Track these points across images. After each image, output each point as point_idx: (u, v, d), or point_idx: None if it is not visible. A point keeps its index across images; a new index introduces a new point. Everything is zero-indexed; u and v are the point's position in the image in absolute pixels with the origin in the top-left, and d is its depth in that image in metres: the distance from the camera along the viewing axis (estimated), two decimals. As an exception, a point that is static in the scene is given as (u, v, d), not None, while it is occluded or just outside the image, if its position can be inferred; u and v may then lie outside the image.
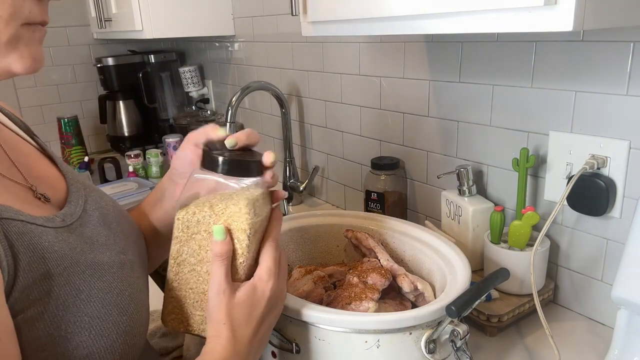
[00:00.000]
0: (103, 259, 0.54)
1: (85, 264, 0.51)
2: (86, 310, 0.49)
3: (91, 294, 0.50)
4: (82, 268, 0.50)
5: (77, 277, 0.49)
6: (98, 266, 0.52)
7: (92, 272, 0.51)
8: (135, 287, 0.56)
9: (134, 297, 0.55)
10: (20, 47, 0.47)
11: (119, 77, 2.08)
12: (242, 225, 0.56)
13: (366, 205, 1.21)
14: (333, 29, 0.85)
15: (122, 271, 0.55)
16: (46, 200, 0.56)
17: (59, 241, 0.50)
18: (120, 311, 0.52)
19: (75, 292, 0.48)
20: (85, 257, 0.52)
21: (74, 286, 0.49)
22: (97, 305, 0.50)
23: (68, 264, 0.49)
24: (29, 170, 0.58)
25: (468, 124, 1.02)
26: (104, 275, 0.52)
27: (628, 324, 0.72)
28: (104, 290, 0.51)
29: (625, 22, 0.59)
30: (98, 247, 0.55)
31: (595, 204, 0.82)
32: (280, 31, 1.53)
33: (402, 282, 0.75)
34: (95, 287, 0.50)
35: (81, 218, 0.57)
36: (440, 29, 0.66)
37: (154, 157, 1.79)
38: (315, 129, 1.50)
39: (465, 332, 0.62)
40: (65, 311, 0.47)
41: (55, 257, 0.48)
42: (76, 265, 0.50)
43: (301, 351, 0.64)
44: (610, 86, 0.78)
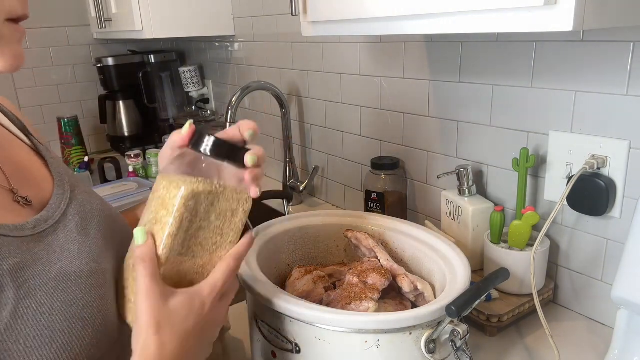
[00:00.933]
0: (71, 268, 0.52)
1: (48, 276, 0.49)
2: (47, 323, 0.47)
3: (53, 307, 0.48)
4: (44, 280, 0.49)
5: (38, 290, 0.48)
6: (64, 277, 0.50)
7: (55, 285, 0.49)
8: (104, 299, 0.53)
9: (102, 309, 0.52)
10: (2, 46, 0.47)
11: (119, 77, 2.08)
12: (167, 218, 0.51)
13: (366, 205, 1.21)
14: (333, 29, 0.85)
15: (91, 281, 0.53)
16: (27, 203, 0.55)
17: (22, 252, 0.49)
18: (84, 324, 0.50)
19: (36, 306, 0.47)
20: (50, 268, 0.50)
21: (34, 300, 0.47)
22: (59, 318, 0.48)
23: (29, 275, 0.47)
24: (17, 171, 0.57)
25: (468, 124, 1.02)
26: (70, 286, 0.50)
27: (628, 324, 0.72)
28: (68, 303, 0.49)
29: (625, 22, 0.59)
30: (67, 256, 0.53)
31: (595, 204, 0.82)
32: (280, 31, 1.53)
33: (402, 282, 0.75)
34: (58, 299, 0.49)
35: (57, 223, 0.55)
36: (440, 29, 0.66)
37: (154, 157, 1.79)
38: (315, 129, 1.50)
39: (465, 332, 0.61)
40: (24, 325, 0.45)
41: (16, 269, 0.47)
42: (38, 277, 0.48)
43: (301, 351, 0.64)
44: (610, 86, 0.78)
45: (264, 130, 1.77)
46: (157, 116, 2.15)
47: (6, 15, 0.47)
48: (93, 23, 1.99)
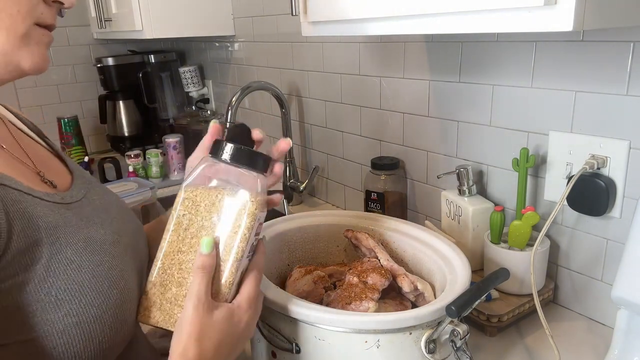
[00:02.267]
0: (97, 236, 0.55)
1: (78, 237, 0.53)
2: (77, 279, 0.50)
3: (82, 265, 0.51)
4: (74, 240, 0.52)
5: (69, 247, 0.51)
6: (91, 241, 0.54)
7: (84, 245, 0.53)
8: (127, 265, 0.57)
9: (124, 274, 0.55)
10: (31, 45, 0.52)
11: (119, 77, 2.08)
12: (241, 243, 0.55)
13: (366, 205, 1.21)
14: (333, 29, 0.85)
15: (115, 248, 0.56)
16: (53, 186, 0.58)
17: (54, 213, 0.52)
18: (110, 284, 0.53)
19: (67, 262, 0.50)
20: (79, 231, 0.53)
21: (65, 256, 0.50)
22: (87, 276, 0.51)
23: (61, 234, 0.51)
24: (39, 162, 0.61)
25: (468, 124, 1.02)
26: (97, 250, 0.54)
27: (628, 324, 0.72)
28: (95, 263, 0.52)
29: (625, 22, 0.59)
30: (93, 225, 0.56)
31: (595, 204, 0.82)
32: (280, 31, 1.53)
33: (402, 282, 0.75)
34: (86, 259, 0.52)
35: (81, 202, 0.59)
36: (440, 29, 0.66)
37: (154, 157, 1.79)
38: (315, 129, 1.50)
39: (465, 332, 0.61)
40: (55, 278, 0.48)
41: (49, 227, 0.50)
42: (69, 237, 0.52)
43: (301, 351, 0.64)
44: (610, 86, 0.78)
45: (264, 130, 1.76)
46: (157, 116, 2.15)
47: (36, 20, 0.52)
48: (93, 23, 1.99)
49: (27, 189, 0.51)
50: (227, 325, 0.55)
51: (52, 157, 0.66)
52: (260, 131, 0.64)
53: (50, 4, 0.53)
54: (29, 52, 0.52)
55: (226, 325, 0.54)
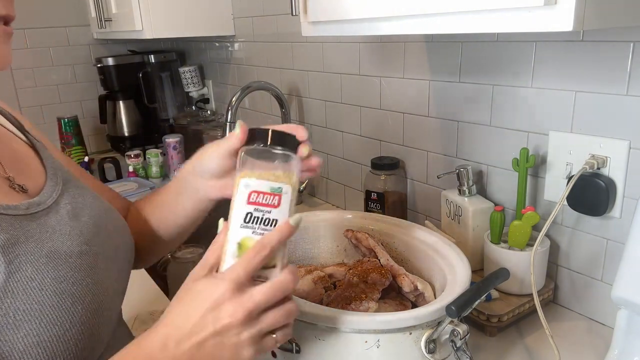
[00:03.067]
0: (62, 248, 0.53)
1: (39, 253, 0.50)
2: (37, 298, 0.48)
3: (43, 283, 0.49)
4: (35, 257, 0.50)
5: (29, 265, 0.49)
6: (54, 255, 0.51)
7: (46, 261, 0.50)
8: (95, 278, 0.54)
9: (92, 287, 0.53)
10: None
11: (119, 77, 2.08)
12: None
13: (366, 205, 1.21)
14: (333, 29, 0.85)
15: (81, 261, 0.54)
16: (23, 191, 0.56)
17: (15, 229, 0.50)
18: (74, 300, 0.50)
19: (26, 280, 0.48)
20: (42, 245, 0.51)
21: (24, 274, 0.48)
22: (49, 293, 0.49)
23: (21, 251, 0.49)
24: (14, 161, 0.59)
25: (468, 124, 1.02)
26: (60, 265, 0.51)
27: (628, 324, 0.72)
28: (58, 280, 0.50)
29: (625, 22, 0.59)
30: (59, 237, 0.54)
31: (595, 204, 0.82)
32: (280, 31, 1.53)
33: (402, 282, 0.75)
34: (47, 275, 0.49)
35: (49, 208, 0.56)
36: (440, 29, 0.66)
37: (154, 157, 1.79)
38: (315, 129, 1.50)
39: (465, 332, 0.62)
40: (13, 299, 0.46)
41: (6, 245, 0.48)
42: (29, 254, 0.49)
43: (301, 351, 0.64)
44: (610, 86, 0.78)
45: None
46: (157, 116, 2.15)
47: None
48: (93, 23, 1.99)
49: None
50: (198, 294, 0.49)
51: (30, 154, 0.63)
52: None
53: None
54: None
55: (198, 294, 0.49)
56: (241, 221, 0.50)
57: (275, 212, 0.51)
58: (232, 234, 0.51)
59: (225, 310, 0.47)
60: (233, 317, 0.47)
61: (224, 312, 0.47)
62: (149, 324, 0.91)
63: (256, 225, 0.51)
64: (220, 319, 0.47)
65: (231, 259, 0.50)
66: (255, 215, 0.50)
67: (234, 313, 0.47)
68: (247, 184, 0.50)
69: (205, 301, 0.47)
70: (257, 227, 0.51)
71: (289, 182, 0.52)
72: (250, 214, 0.50)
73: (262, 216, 0.51)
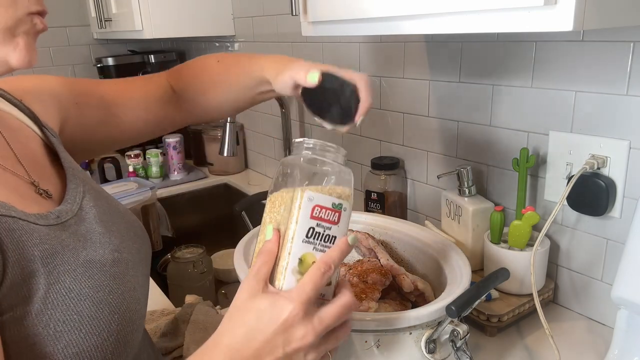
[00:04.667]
0: (96, 256, 0.53)
1: (76, 263, 0.50)
2: (76, 309, 0.48)
3: (81, 293, 0.49)
4: (72, 267, 0.50)
5: (67, 275, 0.49)
6: (90, 264, 0.52)
7: (83, 271, 0.50)
8: (128, 286, 0.54)
9: (126, 295, 0.53)
10: (17, 38, 0.49)
11: (119, 77, 2.07)
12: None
13: (366, 205, 1.21)
14: (333, 29, 0.85)
15: (114, 269, 0.54)
16: (48, 196, 0.56)
17: (51, 238, 0.50)
18: (111, 310, 0.51)
19: (65, 291, 0.48)
20: (78, 254, 0.51)
21: (63, 285, 0.48)
22: (87, 303, 0.49)
23: (59, 262, 0.49)
24: (32, 163, 0.58)
25: (468, 124, 1.02)
26: (96, 273, 0.51)
27: (628, 324, 0.72)
28: (95, 289, 0.50)
29: (625, 22, 0.59)
30: (91, 245, 0.54)
31: (595, 204, 0.82)
32: (280, 31, 1.53)
33: (402, 282, 0.75)
34: (85, 285, 0.50)
35: (77, 216, 0.56)
36: (440, 29, 0.66)
37: (154, 157, 1.79)
38: (315, 129, 1.50)
39: (465, 332, 0.62)
40: (54, 310, 0.46)
41: (45, 256, 0.48)
42: (67, 264, 0.49)
43: (301, 351, 0.64)
44: (610, 86, 0.78)
45: (264, 130, 1.77)
46: (157, 116, 2.15)
47: (24, 10, 0.49)
48: (93, 23, 1.99)
49: (22, 214, 0.48)
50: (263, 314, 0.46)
51: (45, 151, 0.63)
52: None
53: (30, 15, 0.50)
54: (14, 46, 0.49)
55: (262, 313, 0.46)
56: (304, 236, 0.49)
57: (334, 229, 0.51)
58: (294, 248, 0.49)
59: (296, 333, 0.45)
60: (304, 341, 0.46)
61: (294, 335, 0.45)
62: (150, 324, 0.91)
63: (317, 241, 0.50)
64: (291, 342, 0.45)
65: (292, 274, 0.49)
66: (317, 230, 0.50)
67: (305, 336, 0.46)
68: (311, 198, 0.49)
69: (272, 322, 0.45)
70: (318, 243, 0.50)
71: (347, 199, 0.52)
72: (312, 229, 0.50)
73: (323, 232, 0.50)
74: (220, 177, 1.86)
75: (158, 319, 0.93)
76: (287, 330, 0.45)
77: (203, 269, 1.31)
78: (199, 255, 1.31)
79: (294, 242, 0.49)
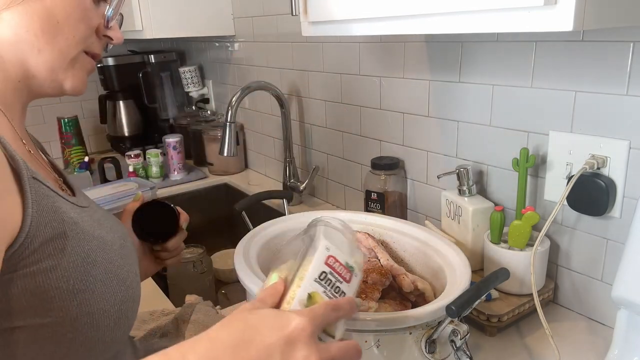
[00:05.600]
0: (108, 237, 0.60)
1: (92, 236, 0.56)
2: (92, 272, 0.54)
3: (96, 260, 0.55)
4: (89, 238, 0.55)
5: (86, 243, 0.55)
6: (103, 241, 0.58)
7: (98, 244, 0.56)
8: (131, 269, 0.61)
9: (130, 274, 0.60)
10: (76, 68, 0.58)
11: (119, 77, 2.08)
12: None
13: (366, 205, 1.21)
14: (333, 29, 0.85)
15: (122, 251, 0.61)
16: (71, 191, 0.64)
17: (74, 212, 0.56)
18: (118, 281, 0.57)
19: (84, 256, 0.54)
20: (94, 231, 0.58)
21: (83, 250, 0.54)
22: (100, 271, 0.55)
23: (80, 230, 0.54)
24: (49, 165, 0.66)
25: (468, 124, 1.02)
26: (108, 250, 0.58)
27: (628, 324, 0.72)
28: (107, 261, 0.56)
29: (625, 22, 0.59)
30: (104, 228, 0.61)
31: (595, 204, 0.82)
32: (280, 31, 1.53)
33: (402, 282, 0.75)
34: (99, 255, 0.56)
35: (89, 208, 0.63)
36: (440, 29, 0.66)
37: (154, 157, 1.79)
38: (315, 129, 1.50)
39: (465, 332, 0.62)
40: (74, 270, 0.52)
41: (71, 222, 0.54)
42: (85, 234, 0.55)
43: (301, 351, 0.64)
44: (610, 86, 0.78)
45: (264, 130, 1.77)
46: (157, 116, 2.15)
47: (86, 48, 0.59)
48: (93, 23, 1.99)
49: (54, 188, 0.54)
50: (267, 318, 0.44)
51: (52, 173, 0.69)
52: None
53: (100, 37, 0.61)
54: (72, 75, 0.58)
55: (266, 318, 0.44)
56: (316, 276, 0.50)
57: (345, 286, 0.52)
58: (305, 284, 0.49)
59: (300, 350, 0.42)
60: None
61: (298, 351, 0.42)
62: (150, 324, 0.91)
63: (328, 287, 0.50)
64: (292, 357, 0.42)
65: (298, 305, 0.48)
66: (329, 277, 0.51)
67: (308, 357, 0.42)
68: (328, 248, 0.51)
69: (276, 329, 0.43)
70: (329, 289, 0.50)
71: (359, 270, 0.53)
72: (325, 273, 0.50)
73: (334, 281, 0.51)
74: (220, 177, 1.86)
75: (158, 319, 0.93)
76: (291, 343, 0.42)
77: (203, 269, 1.31)
78: (199, 255, 1.32)
79: (305, 279, 0.50)
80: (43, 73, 0.56)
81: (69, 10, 0.55)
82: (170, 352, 0.44)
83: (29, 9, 0.53)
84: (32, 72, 0.56)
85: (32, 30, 0.53)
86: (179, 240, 0.81)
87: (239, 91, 1.36)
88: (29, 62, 0.55)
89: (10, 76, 0.55)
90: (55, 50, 0.55)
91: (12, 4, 0.52)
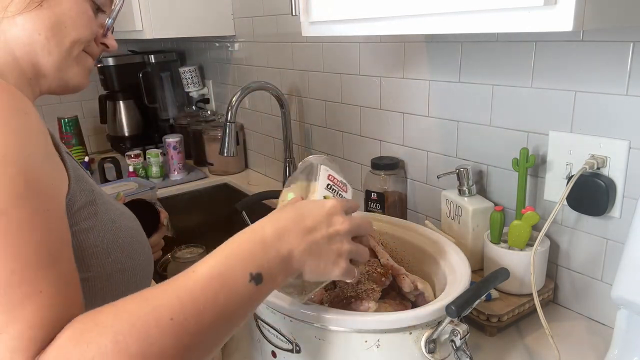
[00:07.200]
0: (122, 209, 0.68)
1: (115, 207, 0.65)
2: (120, 234, 0.63)
3: (121, 225, 0.64)
4: (112, 208, 0.64)
5: (111, 212, 0.63)
6: (121, 211, 0.67)
7: (120, 213, 0.66)
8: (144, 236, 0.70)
9: (145, 245, 0.69)
10: (80, 64, 0.64)
11: (119, 77, 2.08)
12: None
13: (366, 205, 1.21)
14: (333, 29, 0.85)
15: (136, 223, 0.70)
16: None
17: (96, 186, 0.64)
18: (139, 248, 0.66)
19: (111, 221, 0.62)
20: (114, 204, 0.66)
21: (109, 216, 0.62)
22: (125, 234, 0.64)
23: (104, 201, 0.63)
24: None
25: (468, 124, 1.02)
26: (126, 219, 0.67)
27: (628, 324, 0.72)
28: (129, 227, 0.66)
29: (625, 22, 0.59)
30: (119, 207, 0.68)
31: (595, 204, 0.82)
32: (280, 31, 1.53)
33: (402, 282, 0.75)
34: (123, 224, 0.65)
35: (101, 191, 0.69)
36: (440, 29, 0.66)
37: (154, 157, 1.80)
38: (315, 129, 1.50)
39: (465, 332, 0.61)
40: (105, 232, 0.60)
41: (98, 193, 0.62)
42: (109, 204, 0.64)
43: (301, 351, 0.64)
44: (610, 86, 0.78)
45: (264, 130, 1.77)
46: (157, 116, 2.15)
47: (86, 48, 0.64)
48: (93, 23, 1.99)
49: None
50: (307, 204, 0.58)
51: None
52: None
53: (98, 45, 0.67)
54: (76, 73, 0.63)
55: (307, 204, 0.58)
56: (324, 186, 0.64)
57: (344, 195, 0.66)
58: (319, 192, 0.63)
59: (336, 219, 0.57)
60: (342, 226, 0.57)
61: (335, 220, 0.57)
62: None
63: (334, 194, 0.64)
64: (332, 224, 0.57)
65: None
66: (333, 187, 0.65)
67: (343, 223, 0.57)
68: (327, 170, 0.65)
69: (319, 208, 0.57)
70: (335, 195, 0.64)
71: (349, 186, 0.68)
72: (330, 184, 0.65)
73: (337, 190, 0.65)
74: (220, 177, 1.86)
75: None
76: (330, 216, 0.57)
77: (203, 269, 1.31)
78: (199, 255, 1.31)
79: (318, 189, 0.63)
80: (52, 73, 0.61)
81: (75, 17, 0.60)
82: (248, 228, 0.54)
83: (41, 14, 0.58)
84: (43, 71, 0.60)
85: (43, 33, 0.58)
86: (159, 237, 0.88)
87: (239, 91, 1.36)
88: (40, 62, 0.59)
89: (25, 74, 0.59)
90: (62, 52, 0.60)
91: (25, 9, 0.57)
